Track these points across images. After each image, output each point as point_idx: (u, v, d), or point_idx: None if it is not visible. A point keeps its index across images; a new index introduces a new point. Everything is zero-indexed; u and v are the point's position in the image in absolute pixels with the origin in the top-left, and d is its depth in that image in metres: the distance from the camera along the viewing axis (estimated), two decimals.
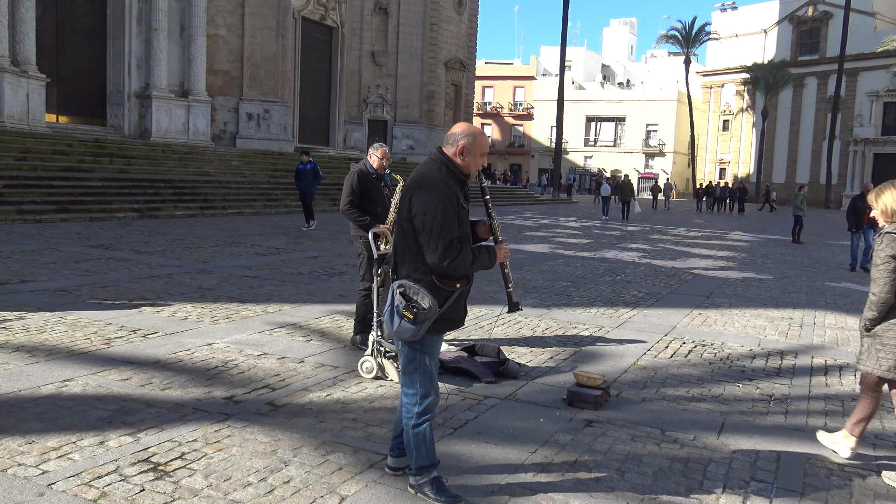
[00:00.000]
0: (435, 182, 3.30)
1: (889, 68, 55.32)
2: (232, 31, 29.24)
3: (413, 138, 38.54)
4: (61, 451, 3.84)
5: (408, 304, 3.29)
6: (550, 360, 6.26)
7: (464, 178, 3.39)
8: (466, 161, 3.38)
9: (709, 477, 3.95)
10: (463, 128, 3.42)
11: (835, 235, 25.17)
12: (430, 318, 3.30)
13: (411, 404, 3.47)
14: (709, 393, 5.52)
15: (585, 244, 17.41)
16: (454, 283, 3.38)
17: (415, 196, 3.30)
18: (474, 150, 3.38)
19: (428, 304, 3.28)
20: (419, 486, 3.52)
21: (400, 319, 3.31)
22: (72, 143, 21.16)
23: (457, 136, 3.38)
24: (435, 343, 3.47)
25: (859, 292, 11.35)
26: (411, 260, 3.36)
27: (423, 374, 3.44)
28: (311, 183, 17.64)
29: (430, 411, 3.48)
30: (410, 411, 3.47)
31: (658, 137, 68.57)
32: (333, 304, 8.15)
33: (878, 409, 4.53)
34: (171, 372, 5.33)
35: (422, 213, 3.25)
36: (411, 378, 3.46)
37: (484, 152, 3.42)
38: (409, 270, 3.37)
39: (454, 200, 3.30)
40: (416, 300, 3.29)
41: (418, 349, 3.42)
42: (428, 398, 3.46)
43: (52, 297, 7.77)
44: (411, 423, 3.47)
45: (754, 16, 65.82)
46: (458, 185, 3.36)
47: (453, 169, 3.36)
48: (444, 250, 3.23)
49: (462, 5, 41.66)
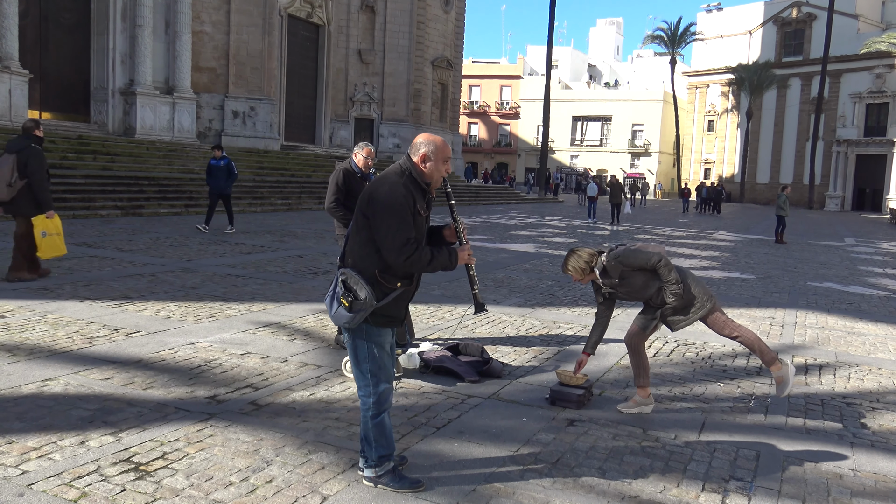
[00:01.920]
0: (395, 185, 3.44)
1: (872, 70, 55.91)
2: (218, 28, 29.08)
3: (399, 137, 38.49)
4: (42, 450, 3.82)
5: (345, 292, 3.41)
6: (534, 359, 6.29)
7: (425, 184, 3.54)
8: (429, 168, 3.53)
9: (689, 475, 3.99)
10: (424, 137, 3.59)
11: (818, 236, 25.41)
12: (365, 308, 3.40)
13: (366, 396, 3.57)
14: (690, 392, 5.56)
15: (571, 244, 17.48)
16: (395, 282, 3.48)
17: (374, 194, 3.44)
18: (436, 157, 3.53)
19: (364, 295, 3.38)
20: (378, 477, 3.59)
21: (337, 305, 3.43)
22: (55, 140, 20.97)
23: (419, 145, 3.55)
24: (382, 334, 3.55)
25: (840, 292, 11.48)
26: (360, 251, 3.49)
27: (373, 365, 3.53)
28: (225, 181, 15.41)
29: (386, 400, 3.58)
30: (366, 403, 3.56)
31: (644, 137, 68.93)
32: (318, 303, 8.14)
33: None
34: (153, 371, 5.31)
35: (381, 209, 3.39)
36: (361, 370, 3.56)
37: (446, 159, 3.58)
38: (355, 261, 3.49)
39: (411, 203, 3.44)
40: (355, 290, 3.40)
41: (366, 339, 3.51)
42: (381, 387, 3.55)
43: (34, 295, 7.71)
44: (369, 413, 3.55)
45: (739, 17, 66.30)
46: (418, 191, 3.50)
47: (416, 175, 3.51)
48: (401, 247, 3.36)
49: (449, 4, 41.65)
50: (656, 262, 4.69)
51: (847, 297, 10.96)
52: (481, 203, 35.28)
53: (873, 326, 8.72)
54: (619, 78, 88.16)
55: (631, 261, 4.69)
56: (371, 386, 3.54)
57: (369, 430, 3.56)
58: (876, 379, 6.26)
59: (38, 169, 8.37)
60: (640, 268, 4.70)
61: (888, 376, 6.37)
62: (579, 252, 4.80)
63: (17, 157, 8.29)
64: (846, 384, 6.03)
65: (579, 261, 4.76)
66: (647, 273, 4.73)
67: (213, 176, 15.49)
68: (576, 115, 71.24)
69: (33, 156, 8.34)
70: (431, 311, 8.16)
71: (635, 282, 4.73)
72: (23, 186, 8.28)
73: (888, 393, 5.86)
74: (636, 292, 4.78)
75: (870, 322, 8.99)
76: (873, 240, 25.44)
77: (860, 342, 7.75)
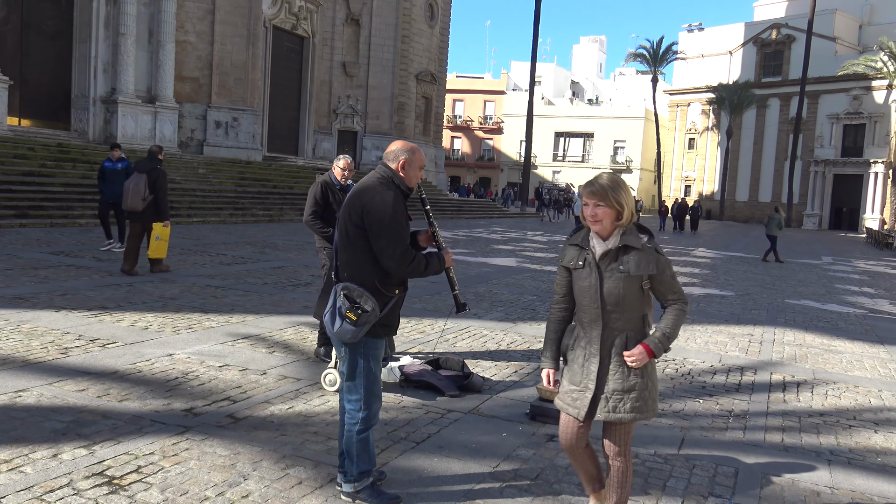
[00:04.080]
0: (386, 194, 3.46)
1: (849, 92, 56.86)
2: (201, 38, 28.98)
3: (382, 150, 37.96)
4: (13, 463, 3.74)
5: (351, 306, 3.37)
6: (514, 374, 6.28)
7: (407, 191, 3.59)
8: (408, 174, 3.58)
9: (668, 492, 3.99)
10: (401, 145, 3.63)
11: (796, 254, 25.69)
12: (370, 320, 3.39)
13: (356, 410, 3.52)
14: (670, 408, 5.58)
15: (553, 258, 17.53)
16: (394, 290, 3.50)
17: (368, 205, 3.43)
18: (414, 164, 3.58)
19: (371, 306, 3.38)
20: (357, 493, 3.55)
21: (342, 321, 3.40)
22: (34, 147, 20.75)
23: (397, 152, 3.59)
24: (378, 346, 3.54)
25: (818, 310, 11.59)
26: (357, 263, 3.47)
27: (366, 379, 3.51)
28: (121, 188, 11.47)
29: (376, 416, 3.57)
30: (355, 417, 3.52)
31: (626, 154, 69.45)
32: (298, 316, 8.08)
33: None
34: (129, 383, 5.23)
35: (378, 219, 3.39)
36: (356, 384, 3.52)
37: (422, 166, 3.64)
38: (353, 273, 3.46)
39: (405, 210, 3.49)
40: (360, 302, 3.39)
41: (362, 354, 3.49)
42: (373, 403, 3.54)
43: (9, 304, 7.59)
44: (356, 428, 3.51)
45: (720, 37, 67.20)
46: (403, 198, 3.55)
47: (398, 182, 3.55)
48: (402, 254, 3.39)
49: (434, 18, 41.88)
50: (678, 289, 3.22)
51: (824, 315, 11.07)
52: (464, 217, 35.34)
53: (850, 344, 8.81)
54: (601, 95, 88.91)
55: (664, 264, 3.15)
56: (363, 401, 3.51)
57: (353, 445, 3.52)
58: (853, 396, 6.31)
59: (164, 186, 10.36)
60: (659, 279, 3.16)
61: (864, 394, 6.43)
62: (623, 184, 3.18)
63: (147, 176, 10.15)
64: (823, 401, 6.08)
65: (619, 190, 3.12)
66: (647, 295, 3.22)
67: (107, 181, 12.72)
68: (558, 131, 71.68)
69: (161, 175, 10.29)
70: (412, 324, 8.13)
71: (633, 287, 3.12)
72: (151, 199, 10.14)
73: (865, 410, 5.91)
74: (620, 300, 3.12)
75: (847, 340, 9.09)
76: (850, 258, 25.77)
77: (837, 360, 7.82)
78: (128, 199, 10.15)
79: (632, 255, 3.10)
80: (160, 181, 10.23)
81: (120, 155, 12.87)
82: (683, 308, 3.21)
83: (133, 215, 10.30)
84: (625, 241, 3.11)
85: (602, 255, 3.14)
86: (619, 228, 3.13)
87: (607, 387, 3.19)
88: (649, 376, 3.21)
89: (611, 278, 3.12)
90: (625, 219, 3.11)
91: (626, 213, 3.11)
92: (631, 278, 3.10)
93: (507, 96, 72.23)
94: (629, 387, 3.16)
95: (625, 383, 3.16)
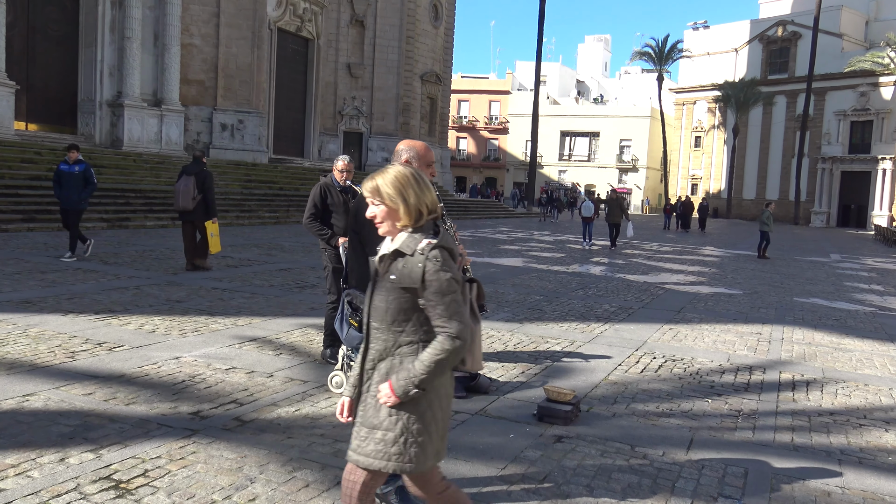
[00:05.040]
0: None
1: (856, 88, 56.63)
2: (206, 41, 29.07)
3: (388, 151, 38.44)
4: (20, 468, 3.74)
5: (353, 313, 3.35)
6: (522, 374, 6.25)
7: None
8: None
9: (677, 493, 3.96)
10: (406, 144, 3.61)
11: (804, 252, 25.57)
12: None
13: None
14: (678, 408, 5.54)
15: (559, 258, 17.49)
16: None
17: None
18: (418, 162, 3.55)
19: None
20: (384, 494, 3.52)
21: (348, 327, 3.42)
22: (41, 152, 20.83)
23: (400, 151, 3.57)
24: None
25: (827, 308, 11.53)
26: (361, 269, 3.42)
27: None
28: (79, 194, 11.66)
29: None
30: None
31: (631, 153, 69.37)
32: (304, 318, 8.08)
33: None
34: (136, 386, 5.23)
35: None
36: None
37: (429, 163, 3.59)
38: (359, 279, 3.41)
39: None
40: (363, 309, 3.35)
41: None
42: None
43: (16, 308, 7.61)
44: None
45: (726, 35, 67.05)
46: None
47: None
48: None
49: (438, 19, 41.89)
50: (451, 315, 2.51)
51: (833, 313, 11.01)
52: (470, 217, 35.33)
53: (860, 342, 8.75)
54: (606, 94, 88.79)
55: (433, 278, 2.50)
56: None
57: None
58: (863, 395, 6.26)
59: (212, 186, 11.33)
60: (424, 296, 2.52)
61: (875, 392, 6.38)
62: (405, 178, 2.61)
63: (195, 177, 11.05)
64: (833, 400, 6.03)
65: (395, 185, 2.58)
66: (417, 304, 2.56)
67: (63, 186, 11.68)
68: (564, 131, 71.63)
69: (208, 177, 11.26)
70: None
71: (403, 302, 2.56)
72: (200, 199, 11.06)
73: (875, 409, 5.86)
74: (384, 314, 2.59)
75: (856, 338, 9.02)
76: (859, 256, 25.63)
77: (847, 358, 7.77)
78: (178, 199, 11.11)
79: (400, 262, 2.55)
80: (208, 182, 11.15)
81: (77, 157, 11.70)
82: (449, 344, 2.47)
83: (185, 214, 11.22)
84: (397, 245, 2.58)
85: (378, 260, 2.66)
86: (406, 230, 2.59)
87: (358, 418, 2.67)
88: (418, 419, 2.55)
89: (381, 289, 2.61)
90: (404, 219, 2.57)
91: (404, 212, 2.56)
92: (398, 291, 2.54)
93: (512, 96, 72.21)
94: (376, 424, 2.58)
95: (374, 419, 2.59)
